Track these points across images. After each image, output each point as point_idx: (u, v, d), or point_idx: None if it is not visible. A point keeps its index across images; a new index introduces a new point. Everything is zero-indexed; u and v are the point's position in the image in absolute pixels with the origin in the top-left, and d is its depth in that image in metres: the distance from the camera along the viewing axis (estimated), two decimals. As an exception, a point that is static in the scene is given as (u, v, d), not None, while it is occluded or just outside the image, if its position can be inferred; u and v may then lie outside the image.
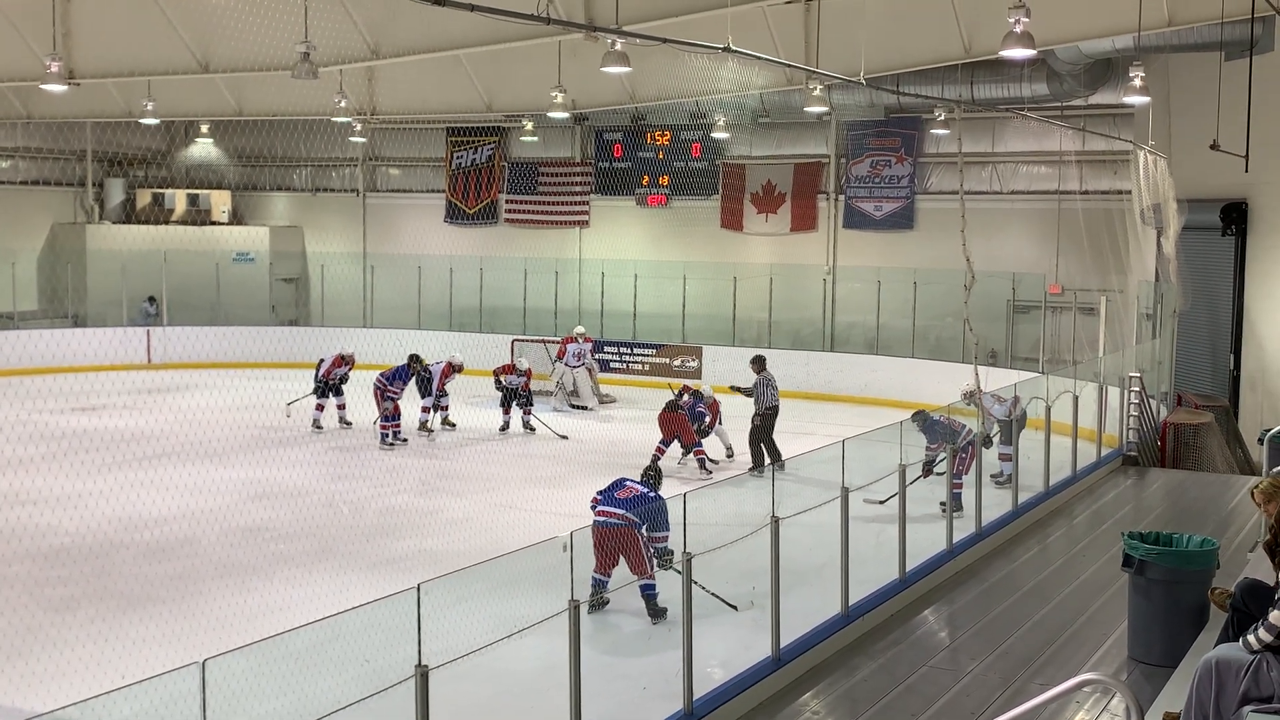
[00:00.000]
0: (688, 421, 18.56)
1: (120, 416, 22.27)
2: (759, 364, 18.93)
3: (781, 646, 9.43)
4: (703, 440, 18.64)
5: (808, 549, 10.89)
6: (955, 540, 12.65)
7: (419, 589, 6.40)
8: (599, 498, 11.51)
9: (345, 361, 21.62)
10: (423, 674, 6.38)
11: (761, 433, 18.15)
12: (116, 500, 14.82)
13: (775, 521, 9.43)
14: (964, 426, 14.62)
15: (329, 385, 21.47)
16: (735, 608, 10.00)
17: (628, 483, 11.60)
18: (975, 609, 11.34)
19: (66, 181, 32.74)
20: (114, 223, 32.42)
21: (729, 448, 19.27)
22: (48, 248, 31.97)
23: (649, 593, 10.94)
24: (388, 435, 20.17)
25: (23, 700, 9.44)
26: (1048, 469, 15.63)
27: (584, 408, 24.15)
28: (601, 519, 11.21)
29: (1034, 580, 12.35)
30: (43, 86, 20.24)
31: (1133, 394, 18.59)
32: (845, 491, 10.52)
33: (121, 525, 14.49)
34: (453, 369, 21.40)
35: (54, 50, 19.37)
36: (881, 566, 11.39)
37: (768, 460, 17.60)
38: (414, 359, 20.97)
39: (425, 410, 21.15)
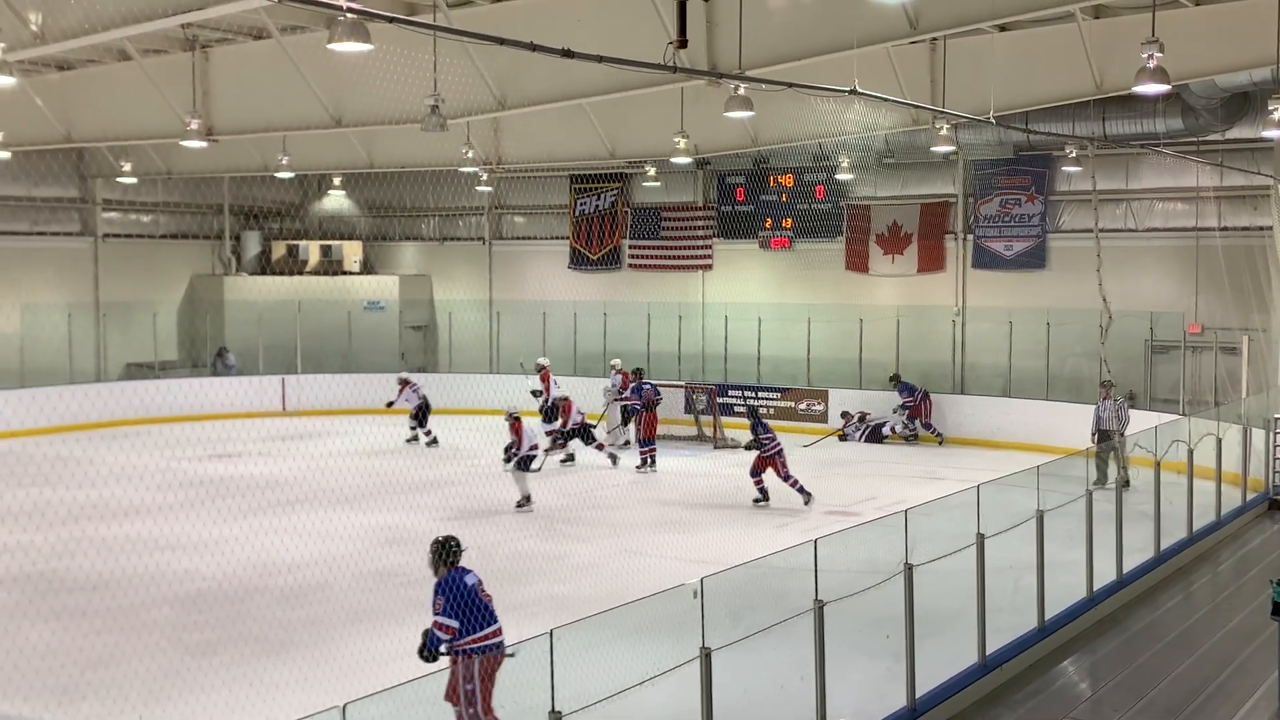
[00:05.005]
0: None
1: (257, 463, 22.79)
2: (1108, 389, 20.32)
3: (918, 697, 9.29)
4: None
5: (942, 596, 10.71)
6: (1096, 588, 12.36)
7: (551, 635, 6.44)
8: (486, 608, 8.98)
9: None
10: (556, 720, 6.41)
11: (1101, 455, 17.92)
12: (253, 546, 15.19)
13: (909, 569, 9.31)
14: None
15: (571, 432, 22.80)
16: None
17: (469, 575, 9.18)
18: (1117, 659, 11.04)
19: (205, 235, 33.83)
20: (250, 274, 33.37)
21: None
22: (187, 299, 33.02)
23: None
24: None
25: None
26: (1191, 514, 15.21)
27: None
28: (502, 640, 8.97)
29: (1178, 629, 12.00)
30: (183, 143, 20.99)
31: (1278, 436, 18.02)
32: (980, 538, 10.34)
33: (258, 570, 14.82)
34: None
35: (194, 108, 20.09)
36: (1019, 615, 11.17)
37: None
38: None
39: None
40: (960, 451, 23.97)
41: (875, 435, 25.87)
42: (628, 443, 23.75)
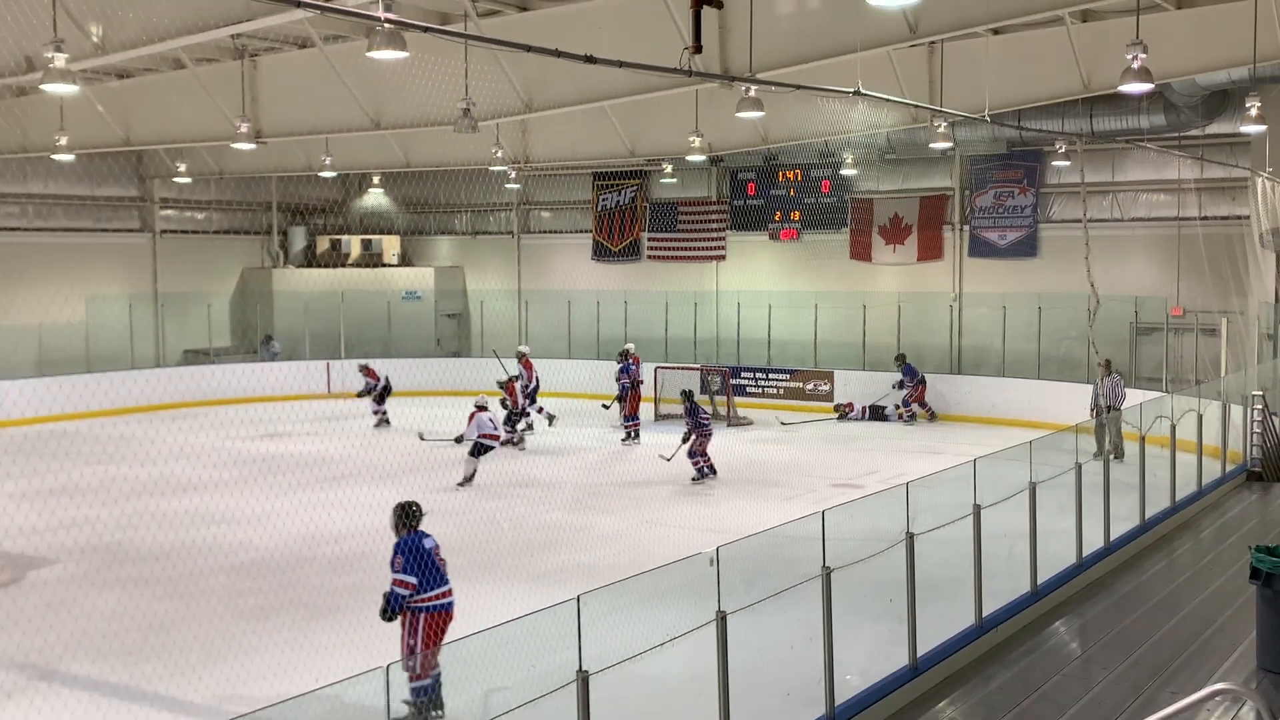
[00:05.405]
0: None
1: (304, 442, 22.90)
2: (1107, 366, 20.05)
3: (919, 656, 9.29)
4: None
5: (941, 563, 10.71)
6: (1085, 554, 12.32)
7: (579, 600, 6.46)
8: (439, 571, 9.25)
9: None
10: (584, 679, 6.43)
11: (1099, 428, 17.74)
12: (301, 518, 15.26)
13: (910, 537, 9.31)
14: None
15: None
16: None
17: (428, 539, 9.45)
18: (1106, 620, 11.01)
19: (254, 230, 33.92)
20: (297, 266, 33.47)
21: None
22: (239, 290, 33.15)
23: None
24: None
25: (218, 701, 9.76)
26: (1174, 485, 15.14)
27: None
28: (451, 600, 9.32)
29: (1163, 592, 11.96)
30: (233, 145, 21.02)
31: (1256, 411, 17.93)
32: (977, 509, 10.33)
33: (306, 541, 14.90)
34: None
35: (243, 113, 20.13)
36: (1013, 580, 11.14)
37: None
38: None
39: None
40: (957, 428, 23.90)
41: (877, 413, 25.82)
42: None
